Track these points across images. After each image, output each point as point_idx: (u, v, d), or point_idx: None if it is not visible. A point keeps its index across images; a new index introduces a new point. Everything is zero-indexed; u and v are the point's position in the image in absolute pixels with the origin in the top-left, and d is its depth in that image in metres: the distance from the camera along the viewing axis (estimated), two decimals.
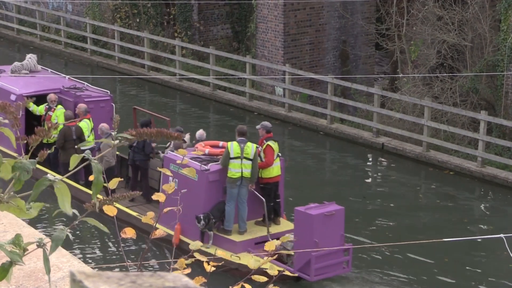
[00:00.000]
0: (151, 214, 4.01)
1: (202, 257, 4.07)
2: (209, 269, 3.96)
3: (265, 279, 3.95)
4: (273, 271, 4.01)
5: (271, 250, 4.14)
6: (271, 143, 17.01)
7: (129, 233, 3.76)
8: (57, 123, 3.26)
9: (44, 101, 20.45)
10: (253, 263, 3.97)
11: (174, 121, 24.73)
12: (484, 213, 20.60)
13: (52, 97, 20.36)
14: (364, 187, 22.23)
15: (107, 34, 33.69)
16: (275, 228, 16.93)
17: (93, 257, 17.24)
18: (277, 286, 4.04)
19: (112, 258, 17.08)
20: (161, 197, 3.91)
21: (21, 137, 2.48)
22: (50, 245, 2.34)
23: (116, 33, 32.20)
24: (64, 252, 3.53)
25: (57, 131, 18.93)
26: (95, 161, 2.41)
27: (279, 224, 17.14)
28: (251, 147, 16.66)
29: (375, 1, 29.36)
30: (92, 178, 2.43)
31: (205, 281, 3.83)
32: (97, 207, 2.55)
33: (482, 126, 22.03)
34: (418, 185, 22.52)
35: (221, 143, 17.76)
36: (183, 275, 1.85)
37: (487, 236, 17.85)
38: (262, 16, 27.79)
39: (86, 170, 16.35)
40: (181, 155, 4.06)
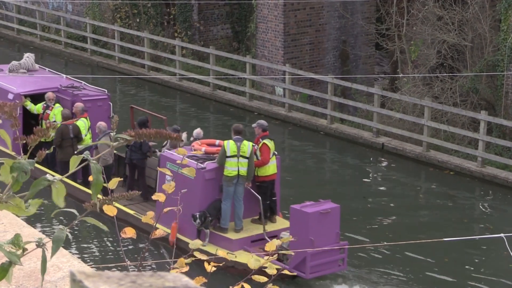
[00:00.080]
0: (151, 214, 3.99)
1: (203, 256, 4.06)
2: (209, 269, 3.95)
3: (265, 279, 3.93)
4: (272, 270, 4.00)
5: (272, 250, 4.13)
6: (267, 141, 17.03)
7: (129, 233, 3.74)
8: (55, 122, 3.25)
9: (41, 100, 20.45)
10: (254, 263, 3.96)
11: (175, 121, 24.72)
12: (484, 212, 20.59)
13: (50, 95, 20.36)
14: (364, 186, 22.23)
15: (107, 34, 33.68)
16: (271, 226, 16.99)
17: (92, 257, 17.22)
18: (276, 285, 4.02)
19: (111, 258, 17.06)
20: (161, 197, 3.89)
21: (19, 137, 2.47)
22: (49, 245, 2.34)
23: (116, 33, 32.19)
24: (64, 252, 3.53)
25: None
26: (94, 161, 2.40)
27: (275, 222, 17.21)
28: (247, 145, 16.68)
29: (375, 1, 29.34)
30: (91, 179, 2.42)
31: (205, 281, 3.82)
32: (97, 207, 2.55)
33: (482, 126, 22.03)
34: (418, 185, 22.51)
35: (217, 141, 17.78)
36: (183, 275, 1.84)
37: (487, 235, 17.84)
38: (262, 16, 27.78)
39: (83, 168, 16.33)
40: (181, 154, 4.05)
